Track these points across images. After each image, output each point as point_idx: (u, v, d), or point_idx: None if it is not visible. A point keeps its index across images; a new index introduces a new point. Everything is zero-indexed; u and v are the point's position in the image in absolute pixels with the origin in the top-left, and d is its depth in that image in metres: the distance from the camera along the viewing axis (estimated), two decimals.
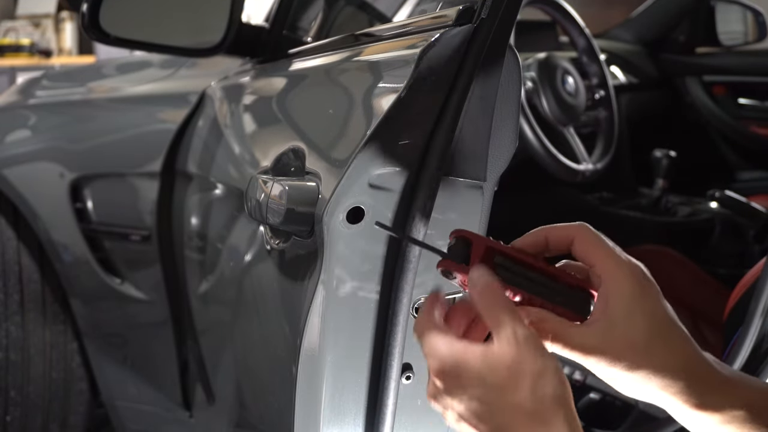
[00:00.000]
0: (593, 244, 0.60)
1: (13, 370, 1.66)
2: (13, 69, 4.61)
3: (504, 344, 0.55)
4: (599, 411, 1.36)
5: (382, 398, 0.74)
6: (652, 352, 0.56)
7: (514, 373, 0.54)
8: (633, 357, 0.56)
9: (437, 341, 0.57)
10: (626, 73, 2.37)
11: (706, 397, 0.56)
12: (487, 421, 0.55)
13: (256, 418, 1.12)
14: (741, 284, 1.27)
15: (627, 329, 0.57)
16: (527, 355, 0.54)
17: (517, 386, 0.54)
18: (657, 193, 2.14)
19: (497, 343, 0.55)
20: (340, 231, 0.71)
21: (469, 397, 0.55)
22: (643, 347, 0.56)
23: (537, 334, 0.56)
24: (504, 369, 0.55)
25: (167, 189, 1.43)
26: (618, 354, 0.56)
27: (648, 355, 0.56)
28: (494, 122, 0.73)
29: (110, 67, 1.95)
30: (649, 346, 0.56)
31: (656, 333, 0.57)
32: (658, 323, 0.57)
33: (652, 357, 0.56)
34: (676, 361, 0.57)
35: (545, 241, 0.62)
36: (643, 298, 0.58)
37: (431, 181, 0.70)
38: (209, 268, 1.26)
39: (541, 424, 0.54)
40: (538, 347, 0.55)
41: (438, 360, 0.57)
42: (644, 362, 0.56)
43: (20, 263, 1.64)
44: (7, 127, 1.72)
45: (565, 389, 0.55)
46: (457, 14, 0.73)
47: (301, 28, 1.47)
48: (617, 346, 0.57)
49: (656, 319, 0.58)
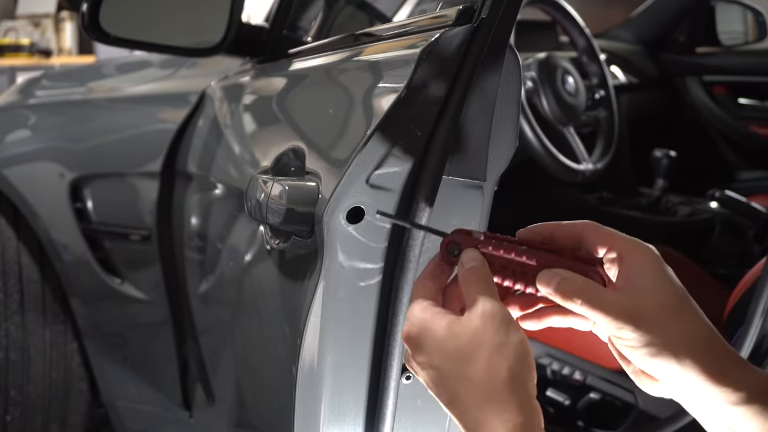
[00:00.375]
0: (606, 232, 0.60)
1: (13, 370, 1.66)
2: (13, 69, 4.61)
3: (471, 317, 0.56)
4: (599, 411, 1.36)
5: (382, 398, 0.74)
6: (681, 316, 0.56)
7: (473, 346, 0.55)
8: (665, 319, 0.56)
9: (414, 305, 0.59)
10: (626, 73, 2.37)
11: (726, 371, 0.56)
12: (443, 389, 0.56)
13: (256, 418, 1.12)
14: (741, 284, 1.28)
15: (657, 293, 0.57)
16: (489, 328, 0.55)
17: (473, 359, 0.55)
18: (657, 193, 2.14)
19: (465, 316, 0.57)
20: (340, 231, 0.71)
21: (430, 364, 0.57)
22: (673, 310, 0.56)
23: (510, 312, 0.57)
24: (464, 340, 0.55)
25: (167, 189, 1.43)
26: (650, 316, 0.56)
27: (677, 317, 0.56)
28: (494, 122, 0.73)
29: (110, 67, 1.95)
30: (678, 309, 0.57)
31: (684, 299, 0.57)
32: (682, 291, 0.58)
33: (681, 319, 0.56)
34: (701, 328, 0.57)
35: (551, 236, 0.62)
36: (665, 267, 0.58)
37: (431, 181, 0.70)
38: (209, 268, 1.26)
39: (493, 399, 0.54)
40: (504, 323, 0.56)
41: (408, 323, 0.58)
42: (674, 324, 0.56)
43: (20, 263, 1.64)
44: (7, 127, 1.72)
45: (524, 368, 0.55)
46: (457, 14, 0.73)
47: (301, 28, 1.47)
48: (649, 308, 0.56)
49: (679, 287, 0.58)
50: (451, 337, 0.56)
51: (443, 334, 0.56)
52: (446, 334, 0.56)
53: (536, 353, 1.43)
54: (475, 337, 0.55)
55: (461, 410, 0.55)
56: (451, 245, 0.61)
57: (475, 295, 0.57)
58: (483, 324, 0.55)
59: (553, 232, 0.62)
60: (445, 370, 0.56)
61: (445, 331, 0.56)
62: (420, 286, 0.61)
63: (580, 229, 0.61)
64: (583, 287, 0.57)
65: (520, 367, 0.55)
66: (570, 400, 1.38)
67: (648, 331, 0.56)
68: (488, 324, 0.55)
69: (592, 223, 0.61)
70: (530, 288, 0.60)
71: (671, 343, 0.56)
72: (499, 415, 0.53)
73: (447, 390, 0.56)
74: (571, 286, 0.57)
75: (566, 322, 0.63)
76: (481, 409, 0.54)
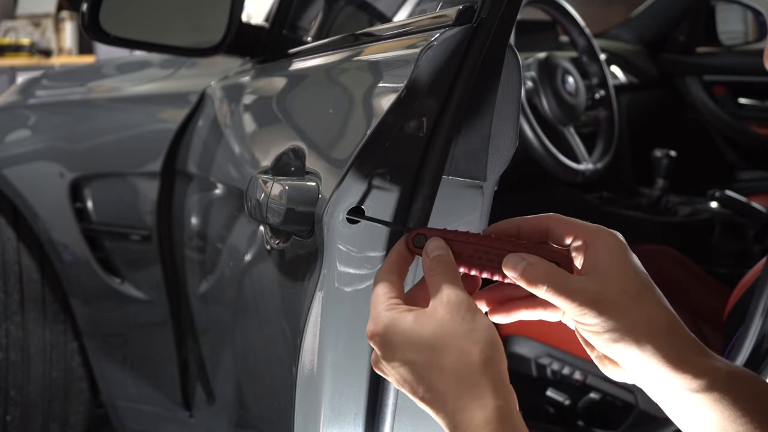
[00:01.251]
0: (570, 222, 0.61)
1: (13, 370, 1.66)
2: (13, 69, 4.60)
3: (436, 307, 0.56)
4: (599, 411, 1.36)
5: (382, 398, 0.74)
6: (643, 301, 0.57)
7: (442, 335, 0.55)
8: (626, 303, 0.56)
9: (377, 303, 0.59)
10: (626, 72, 2.37)
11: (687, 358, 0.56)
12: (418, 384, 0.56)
13: (256, 418, 1.12)
14: (741, 284, 1.28)
15: (620, 278, 0.57)
16: (456, 316, 0.55)
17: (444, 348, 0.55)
18: (657, 193, 2.14)
19: (431, 306, 0.57)
20: (340, 231, 0.71)
21: (402, 360, 0.56)
22: (635, 295, 0.57)
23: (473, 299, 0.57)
24: (432, 331, 0.55)
25: (167, 189, 1.43)
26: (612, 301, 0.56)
27: (639, 302, 0.57)
28: (494, 122, 0.73)
29: (110, 67, 1.95)
30: (639, 294, 0.57)
31: (645, 284, 0.58)
32: (644, 276, 0.58)
33: (642, 305, 0.57)
34: (662, 315, 0.57)
35: (517, 231, 0.63)
36: (629, 253, 0.59)
37: (431, 181, 0.70)
38: (209, 268, 1.26)
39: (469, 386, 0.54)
40: (471, 310, 0.56)
41: (373, 322, 0.58)
42: (635, 310, 0.56)
43: (20, 263, 1.64)
44: (7, 127, 1.72)
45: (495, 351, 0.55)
46: (457, 14, 0.73)
47: (301, 28, 1.47)
48: (612, 292, 0.57)
49: (643, 273, 0.59)
50: (420, 329, 0.56)
51: (411, 327, 0.56)
52: (414, 326, 0.56)
53: (536, 353, 1.43)
54: (443, 326, 0.55)
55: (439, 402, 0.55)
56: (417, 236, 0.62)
57: (440, 284, 0.58)
58: (449, 313, 0.56)
59: (520, 227, 0.63)
60: (419, 364, 0.56)
61: (413, 324, 0.56)
62: (381, 282, 0.61)
63: (545, 221, 0.62)
64: (548, 272, 0.58)
65: (492, 350, 0.55)
66: (570, 400, 1.38)
67: (610, 316, 0.56)
68: (455, 312, 0.56)
69: (556, 215, 0.62)
70: (497, 276, 0.61)
71: (632, 328, 0.56)
72: (475, 400, 0.53)
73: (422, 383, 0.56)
74: (536, 271, 0.58)
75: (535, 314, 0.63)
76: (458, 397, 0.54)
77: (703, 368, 0.56)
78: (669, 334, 0.57)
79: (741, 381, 0.56)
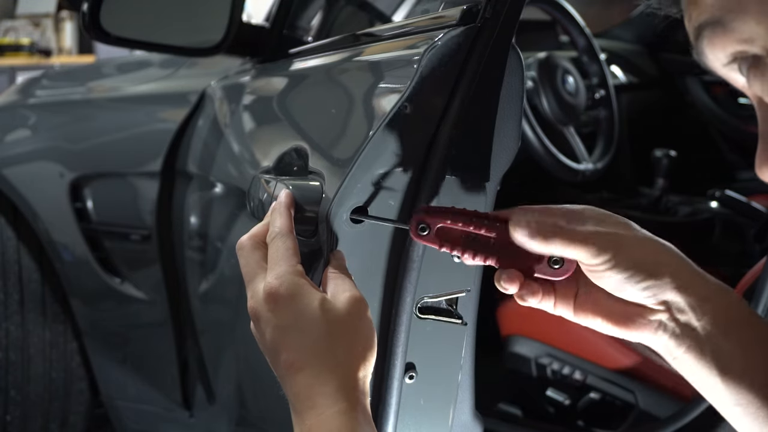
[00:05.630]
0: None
1: (13, 370, 1.65)
2: (13, 68, 4.60)
3: (338, 297, 0.60)
4: (599, 411, 1.36)
5: (385, 398, 0.74)
6: (651, 242, 0.62)
7: (342, 325, 0.59)
8: (638, 243, 0.61)
9: (284, 264, 0.62)
10: (626, 72, 2.37)
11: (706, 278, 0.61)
12: (292, 353, 0.58)
13: (257, 418, 1.12)
14: (741, 284, 1.27)
15: (625, 225, 0.62)
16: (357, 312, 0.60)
17: (336, 338, 0.58)
18: (657, 193, 2.14)
19: (333, 297, 0.61)
20: (343, 231, 0.71)
21: (293, 327, 0.59)
22: (643, 236, 0.62)
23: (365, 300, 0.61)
24: (332, 318, 0.59)
25: (167, 189, 1.43)
26: (626, 242, 0.60)
27: (647, 243, 0.61)
28: (497, 121, 0.73)
29: (110, 67, 1.95)
30: (647, 236, 0.62)
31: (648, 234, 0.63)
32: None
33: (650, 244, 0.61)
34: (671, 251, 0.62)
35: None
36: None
37: (435, 181, 0.70)
38: (209, 268, 1.26)
39: (345, 376, 0.57)
40: (366, 309, 0.60)
41: (277, 279, 0.60)
42: (646, 247, 0.61)
43: (20, 263, 1.64)
44: (7, 127, 1.72)
45: (372, 354, 0.59)
46: (460, 14, 0.73)
47: (301, 28, 1.47)
48: (623, 235, 0.61)
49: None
50: (324, 312, 0.59)
51: (317, 306, 0.59)
52: (320, 307, 0.59)
53: (536, 353, 1.43)
54: (342, 318, 0.59)
55: (303, 380, 0.57)
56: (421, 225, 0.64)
57: (344, 280, 0.62)
58: (351, 307, 0.59)
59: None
60: (310, 340, 0.58)
61: (319, 304, 0.59)
62: (287, 236, 0.64)
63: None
64: (557, 224, 0.60)
65: (372, 352, 0.59)
66: (570, 400, 1.38)
67: (629, 255, 0.59)
68: (357, 308, 0.60)
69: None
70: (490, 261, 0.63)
71: (647, 262, 0.59)
72: (343, 392, 0.56)
73: (299, 357, 0.57)
74: (546, 226, 0.60)
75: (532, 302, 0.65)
76: (324, 383, 0.56)
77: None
78: (680, 264, 0.61)
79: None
